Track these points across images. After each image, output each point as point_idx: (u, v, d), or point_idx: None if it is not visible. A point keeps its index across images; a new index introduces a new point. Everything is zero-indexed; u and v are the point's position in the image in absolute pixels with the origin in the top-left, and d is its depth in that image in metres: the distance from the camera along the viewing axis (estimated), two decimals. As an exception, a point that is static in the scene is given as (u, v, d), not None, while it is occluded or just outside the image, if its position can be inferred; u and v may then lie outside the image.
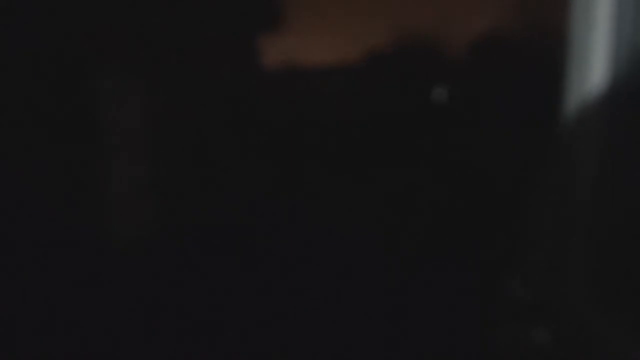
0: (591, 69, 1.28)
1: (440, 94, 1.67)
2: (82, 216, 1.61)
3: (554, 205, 1.40)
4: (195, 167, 1.69)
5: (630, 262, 1.25)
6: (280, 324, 1.56)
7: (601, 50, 1.26)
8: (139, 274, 1.60)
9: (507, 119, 1.57)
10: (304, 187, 1.71)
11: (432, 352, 1.47)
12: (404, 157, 1.68)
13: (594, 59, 1.27)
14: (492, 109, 1.62)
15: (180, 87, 1.66)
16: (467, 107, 1.68)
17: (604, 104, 1.27)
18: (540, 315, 1.41)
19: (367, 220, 1.68)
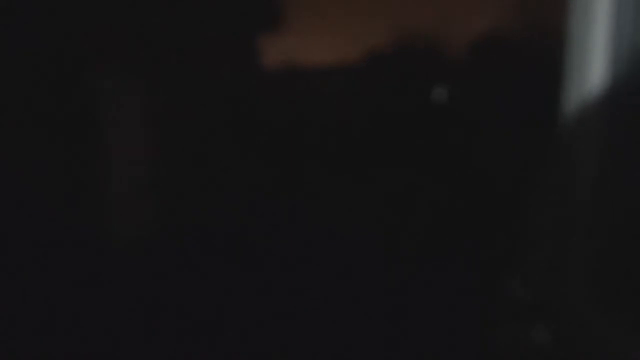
0: (591, 69, 1.28)
1: (440, 94, 1.67)
2: (82, 216, 1.61)
3: (554, 205, 1.40)
4: (195, 167, 1.69)
5: (630, 262, 1.25)
6: (280, 324, 1.56)
7: (601, 50, 1.26)
8: (139, 274, 1.61)
9: (507, 119, 1.57)
10: (304, 187, 1.71)
11: (432, 352, 1.47)
12: (404, 157, 1.68)
13: (593, 59, 1.27)
14: (492, 109, 1.62)
15: (180, 87, 1.66)
16: (467, 107, 1.68)
17: (604, 104, 1.27)
18: (540, 315, 1.41)
19: (367, 220, 1.68)
